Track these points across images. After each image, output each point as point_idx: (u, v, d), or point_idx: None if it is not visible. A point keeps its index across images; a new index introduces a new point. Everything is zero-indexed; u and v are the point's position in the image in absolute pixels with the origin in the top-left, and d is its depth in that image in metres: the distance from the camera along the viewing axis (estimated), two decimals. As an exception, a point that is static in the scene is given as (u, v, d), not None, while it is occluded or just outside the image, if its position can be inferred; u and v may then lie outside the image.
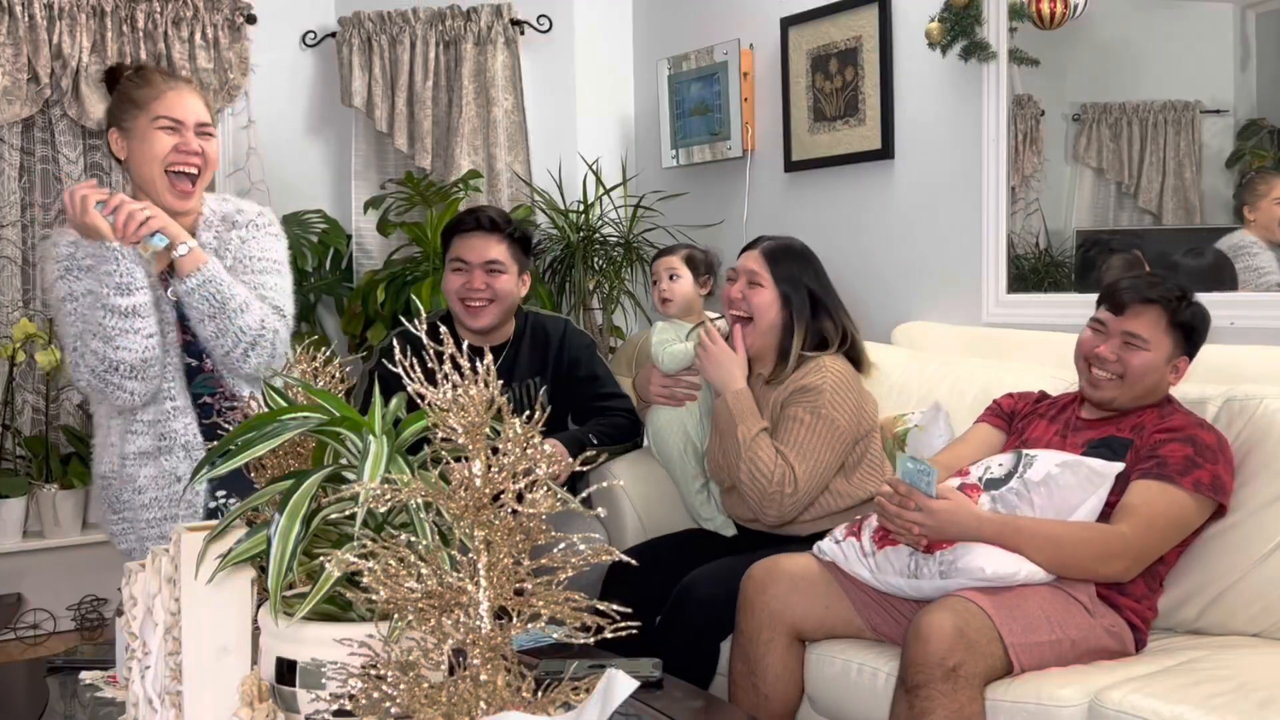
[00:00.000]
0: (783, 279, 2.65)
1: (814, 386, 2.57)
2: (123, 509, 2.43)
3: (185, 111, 2.36)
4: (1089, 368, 2.34)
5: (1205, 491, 2.18)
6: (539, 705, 1.32)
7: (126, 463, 2.40)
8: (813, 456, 2.54)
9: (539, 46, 4.39)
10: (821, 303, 2.67)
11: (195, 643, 1.50)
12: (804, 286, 2.66)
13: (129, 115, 2.36)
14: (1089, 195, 3.13)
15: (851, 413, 2.59)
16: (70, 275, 2.34)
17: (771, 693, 2.33)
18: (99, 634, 3.90)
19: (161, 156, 2.33)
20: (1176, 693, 1.91)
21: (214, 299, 2.31)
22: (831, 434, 2.55)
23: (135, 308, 2.27)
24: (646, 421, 2.95)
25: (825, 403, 2.55)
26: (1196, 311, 2.31)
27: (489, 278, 2.89)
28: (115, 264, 2.26)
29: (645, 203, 4.26)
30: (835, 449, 2.57)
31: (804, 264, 2.69)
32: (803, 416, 2.55)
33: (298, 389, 1.65)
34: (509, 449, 1.30)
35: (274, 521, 1.40)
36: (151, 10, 4.06)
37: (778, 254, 2.68)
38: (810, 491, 2.56)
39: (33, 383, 4.05)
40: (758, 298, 2.65)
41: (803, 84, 3.75)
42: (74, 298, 2.32)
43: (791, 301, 2.65)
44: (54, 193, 4.09)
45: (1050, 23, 3.01)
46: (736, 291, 2.68)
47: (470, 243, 2.91)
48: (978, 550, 2.12)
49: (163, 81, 2.37)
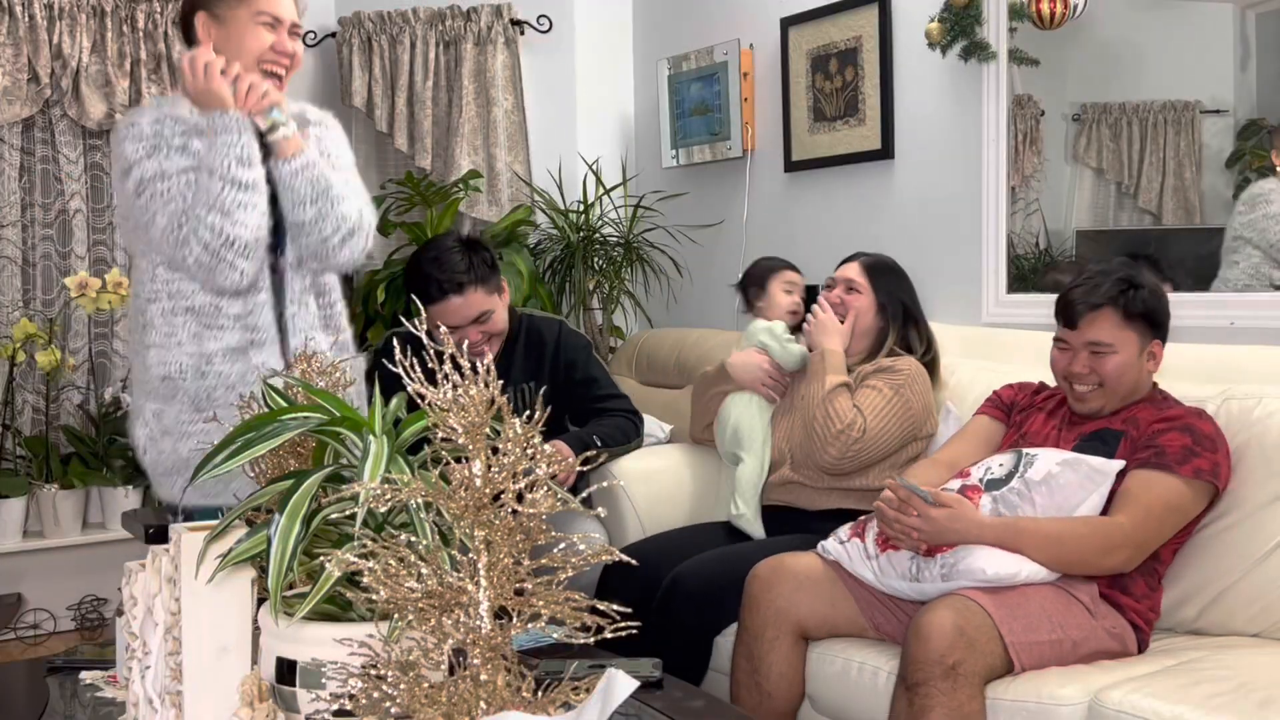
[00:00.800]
0: (880, 289, 2.88)
1: (897, 369, 2.75)
2: (210, 407, 2.27)
3: (286, 10, 2.32)
4: (1070, 385, 2.34)
5: (1205, 478, 2.18)
6: (539, 705, 1.32)
7: (213, 361, 2.28)
8: (882, 421, 2.68)
9: (539, 46, 4.40)
10: (912, 315, 2.91)
11: (195, 643, 1.50)
12: (899, 299, 2.89)
13: (228, 3, 2.28)
14: (1089, 195, 3.13)
15: (922, 406, 2.74)
16: (160, 153, 2.24)
17: (775, 691, 2.33)
18: (99, 634, 3.90)
19: (259, 52, 2.28)
20: (1176, 693, 1.91)
21: (318, 182, 2.26)
22: (903, 412, 2.70)
23: (255, 181, 2.20)
24: (725, 404, 3.00)
25: (905, 383, 2.72)
26: (1147, 294, 2.28)
27: (482, 327, 2.87)
28: (238, 135, 2.18)
29: (645, 203, 4.26)
30: (902, 427, 2.70)
31: (900, 279, 2.93)
32: (881, 388, 2.71)
33: (298, 389, 1.65)
34: (509, 449, 1.30)
35: (274, 521, 1.40)
36: (151, 10, 4.06)
37: (877, 267, 2.92)
38: (871, 449, 2.68)
39: (33, 383, 4.05)
40: (856, 302, 2.87)
41: (803, 84, 3.75)
42: (166, 176, 2.23)
43: (887, 309, 2.87)
44: (54, 193, 4.09)
45: (1050, 23, 3.01)
46: (835, 297, 2.88)
47: (447, 311, 2.82)
48: (978, 552, 2.12)
49: None
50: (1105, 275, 2.29)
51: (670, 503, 3.02)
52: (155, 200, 2.23)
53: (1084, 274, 2.34)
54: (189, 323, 2.28)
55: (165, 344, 2.30)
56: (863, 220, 3.62)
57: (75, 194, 4.07)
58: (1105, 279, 2.28)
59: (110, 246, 4.16)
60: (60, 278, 4.08)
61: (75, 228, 4.07)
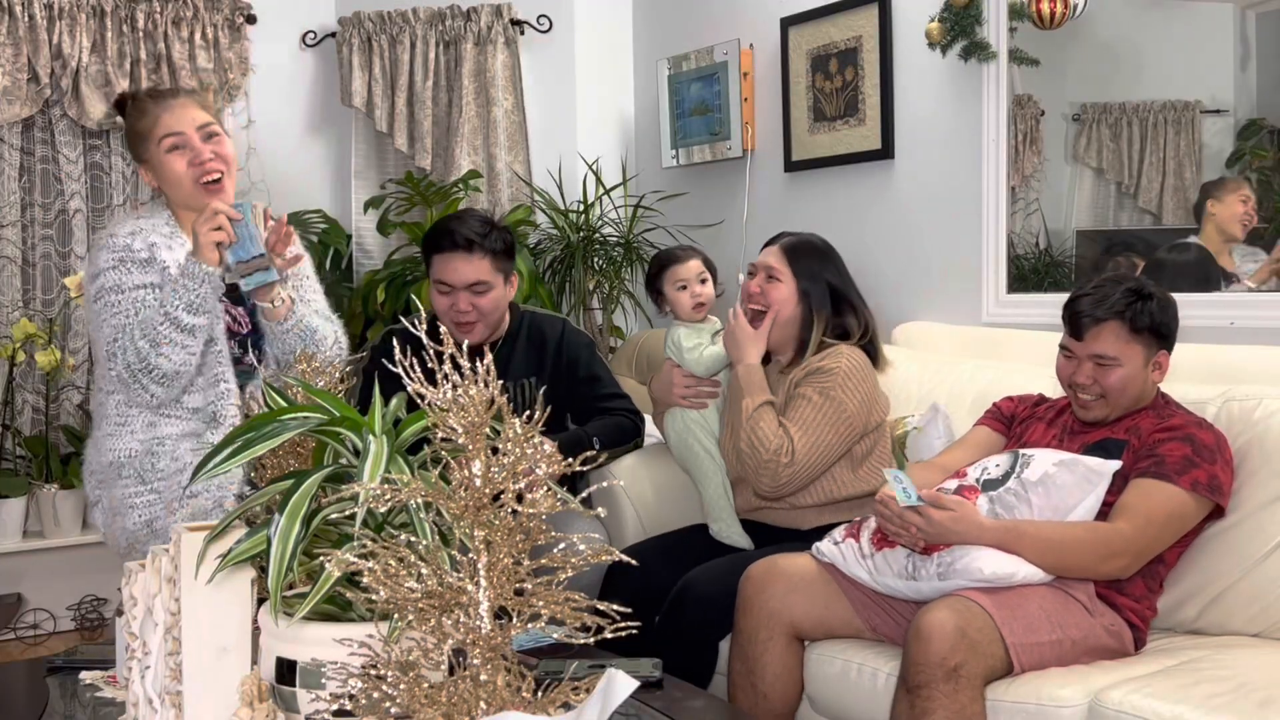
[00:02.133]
0: (802, 274, 2.68)
1: (827, 369, 2.59)
2: (155, 478, 2.41)
3: (182, 123, 2.39)
4: (1074, 393, 2.33)
5: (1202, 491, 2.18)
6: (539, 705, 1.32)
7: (165, 442, 2.41)
8: (815, 434, 2.54)
9: (539, 46, 4.40)
10: (843, 297, 2.70)
11: (195, 643, 1.50)
12: (824, 281, 2.69)
13: (142, 148, 2.42)
14: (1089, 195, 3.13)
15: (862, 401, 2.59)
16: (123, 266, 2.37)
17: (770, 692, 2.33)
18: (99, 634, 3.90)
19: (181, 174, 2.39)
20: (1176, 693, 1.91)
21: (305, 334, 2.48)
22: (838, 416, 2.56)
23: (195, 327, 2.32)
24: (664, 425, 2.91)
25: (836, 385, 2.56)
26: (1156, 307, 2.24)
27: (475, 299, 2.84)
28: (200, 285, 2.30)
29: (645, 203, 4.26)
30: (840, 432, 2.57)
31: (824, 259, 2.72)
32: (811, 396, 2.57)
33: (298, 389, 1.65)
34: (509, 449, 1.30)
35: (274, 521, 1.40)
36: (151, 10, 4.06)
37: (797, 250, 2.71)
38: (808, 468, 2.55)
39: (33, 383, 4.05)
40: (776, 292, 2.68)
41: (803, 84, 3.75)
42: (121, 290, 2.36)
43: (810, 296, 2.68)
44: (54, 193, 4.09)
45: (1050, 23, 3.01)
46: (755, 286, 2.71)
47: (450, 265, 2.83)
48: (975, 551, 2.12)
49: (154, 104, 2.42)
50: (1114, 285, 2.26)
51: (670, 503, 3.02)
52: (106, 310, 2.37)
53: (1093, 283, 2.31)
54: (144, 413, 2.42)
55: (117, 433, 2.44)
56: (863, 220, 3.62)
57: (75, 194, 4.07)
58: (1114, 289, 2.25)
59: (110, 246, 4.16)
60: (60, 278, 4.08)
61: (75, 228, 4.07)
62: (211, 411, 2.41)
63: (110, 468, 2.45)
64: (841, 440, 2.58)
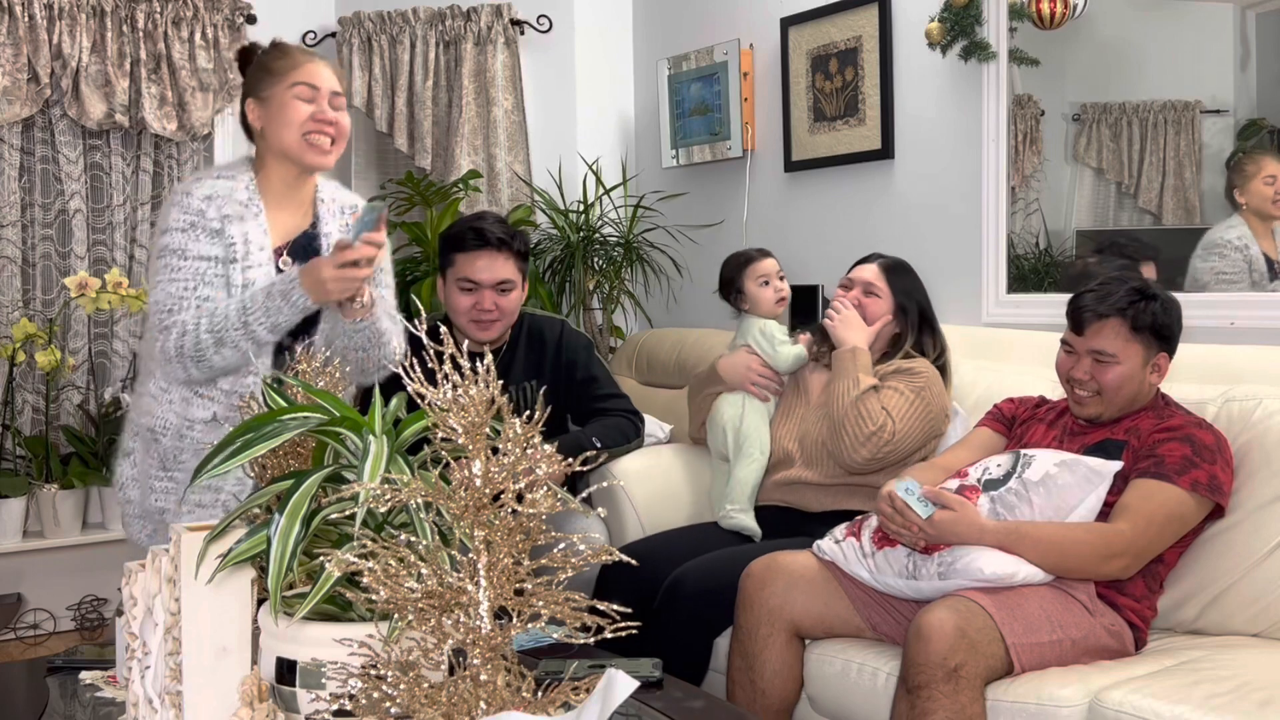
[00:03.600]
0: (899, 292, 2.85)
1: (916, 371, 2.72)
2: (176, 468, 2.38)
3: (321, 79, 2.36)
4: (1071, 388, 2.34)
5: (1202, 491, 2.18)
6: (539, 705, 1.32)
7: (194, 427, 2.37)
8: (907, 424, 2.65)
9: (539, 46, 4.40)
10: (928, 319, 2.86)
11: (195, 643, 1.50)
12: (916, 302, 2.86)
13: (267, 85, 2.35)
14: (1089, 195, 3.13)
15: (940, 408, 2.72)
16: (193, 231, 2.32)
17: (769, 688, 2.34)
18: (99, 634, 3.90)
19: (300, 122, 2.33)
20: (1176, 693, 1.91)
21: (374, 335, 2.38)
22: (925, 413, 2.67)
23: (263, 342, 2.28)
24: (716, 403, 2.99)
25: (924, 386, 2.69)
26: (1158, 308, 2.26)
27: (499, 297, 2.87)
28: (296, 314, 2.25)
29: (645, 203, 4.26)
30: (924, 429, 2.68)
31: (915, 281, 2.89)
32: (903, 390, 2.69)
33: (298, 389, 1.65)
34: (509, 449, 1.30)
35: (274, 521, 1.40)
36: (151, 10, 4.06)
37: (895, 269, 2.88)
38: (899, 450, 2.66)
39: (33, 383, 4.05)
40: (875, 306, 2.83)
41: (803, 84, 3.75)
42: (185, 255, 2.31)
43: (906, 312, 2.84)
44: (54, 193, 4.09)
45: (1050, 23, 3.01)
46: (853, 298, 2.84)
47: (478, 263, 2.86)
48: (976, 551, 2.12)
49: (300, 53, 2.39)
50: (1119, 283, 2.27)
51: (670, 503, 3.02)
52: (165, 271, 2.32)
53: (1098, 280, 2.32)
54: (182, 389, 2.37)
55: (159, 397, 2.39)
56: (863, 220, 3.62)
57: (75, 194, 4.07)
58: (1119, 287, 2.26)
59: (110, 247, 4.16)
60: (60, 278, 4.08)
61: (75, 228, 4.07)
62: (235, 402, 2.35)
63: (148, 433, 2.41)
64: (923, 437, 2.70)
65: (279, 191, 2.40)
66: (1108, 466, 2.21)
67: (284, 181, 2.40)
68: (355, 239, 2.20)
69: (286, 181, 2.40)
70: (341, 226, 2.47)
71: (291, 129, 2.33)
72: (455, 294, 2.88)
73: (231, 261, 2.31)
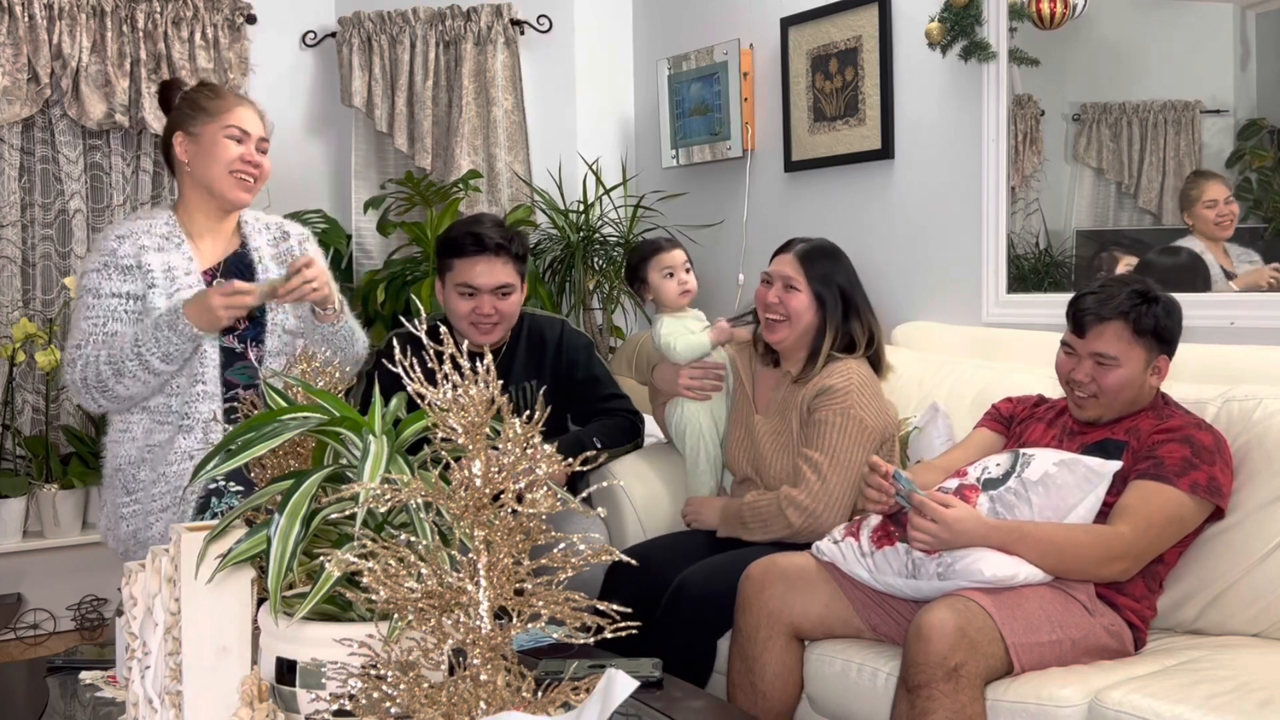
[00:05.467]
0: (816, 280, 2.69)
1: (840, 388, 2.61)
2: (138, 489, 2.49)
3: (252, 125, 2.55)
4: (1071, 390, 2.33)
5: (1201, 493, 2.18)
6: (539, 705, 1.32)
7: (152, 450, 2.48)
8: (845, 457, 2.57)
9: (539, 46, 4.40)
10: (853, 303, 2.71)
11: (195, 643, 1.50)
12: (836, 286, 2.70)
13: (199, 122, 2.52)
14: (1089, 195, 3.13)
15: (877, 413, 2.63)
16: (105, 271, 2.46)
17: (769, 690, 2.34)
18: (99, 634, 3.90)
19: (228, 162, 2.50)
20: (1176, 693, 1.91)
21: (347, 335, 2.58)
22: (861, 433, 2.58)
23: (160, 372, 2.41)
24: (667, 416, 2.95)
25: (853, 403, 2.59)
26: (1160, 311, 2.25)
27: (499, 302, 2.86)
28: (185, 342, 2.38)
29: (645, 203, 4.26)
30: (865, 448, 2.58)
31: (836, 264, 2.73)
32: (833, 419, 2.59)
33: (298, 389, 1.65)
34: (509, 449, 1.30)
35: (274, 521, 1.40)
36: (151, 10, 4.06)
37: (811, 255, 2.72)
38: (839, 492, 2.57)
39: (33, 383, 4.05)
40: (794, 302, 2.69)
41: (803, 84, 3.75)
42: (98, 295, 2.45)
43: (825, 302, 2.69)
44: (54, 193, 4.09)
45: (1050, 23, 3.01)
46: (773, 296, 2.72)
47: (476, 268, 2.84)
48: (976, 552, 2.12)
49: (232, 96, 2.58)
50: (1121, 286, 2.27)
51: (670, 503, 3.02)
52: (81, 309, 2.48)
53: (1100, 282, 2.32)
54: (143, 419, 2.50)
55: (120, 439, 2.53)
56: (863, 220, 3.62)
57: (75, 194, 4.07)
58: (1120, 290, 2.25)
59: (110, 246, 4.16)
60: (60, 278, 4.08)
61: (75, 228, 4.07)
62: (184, 412, 2.47)
63: (115, 474, 2.53)
64: (867, 455, 2.57)
65: (200, 224, 2.56)
66: (1107, 466, 2.21)
67: (205, 214, 2.55)
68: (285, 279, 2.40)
69: (207, 214, 2.56)
70: (269, 241, 2.63)
71: (220, 166, 2.50)
72: (454, 299, 2.88)
73: (151, 287, 2.45)
